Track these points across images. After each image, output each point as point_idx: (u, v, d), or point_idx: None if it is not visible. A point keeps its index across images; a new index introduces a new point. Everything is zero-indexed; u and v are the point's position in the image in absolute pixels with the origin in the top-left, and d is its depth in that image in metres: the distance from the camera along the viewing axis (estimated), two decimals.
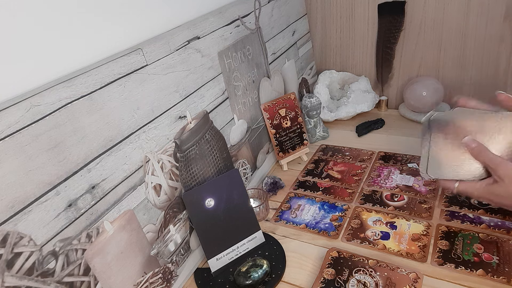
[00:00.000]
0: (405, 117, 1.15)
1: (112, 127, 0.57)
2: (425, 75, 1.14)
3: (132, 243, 0.60)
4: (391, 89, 1.21)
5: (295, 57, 1.13)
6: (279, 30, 1.03)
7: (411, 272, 0.65)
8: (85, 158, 0.52)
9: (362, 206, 0.83)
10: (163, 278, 0.66)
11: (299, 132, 1.01)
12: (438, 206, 0.80)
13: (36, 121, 0.46)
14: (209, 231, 0.72)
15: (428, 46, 1.10)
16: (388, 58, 1.16)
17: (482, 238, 0.70)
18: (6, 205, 0.43)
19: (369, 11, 1.13)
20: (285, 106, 0.98)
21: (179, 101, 0.70)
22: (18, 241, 0.45)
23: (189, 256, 0.73)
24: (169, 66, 0.67)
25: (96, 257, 0.54)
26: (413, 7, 1.07)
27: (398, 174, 0.91)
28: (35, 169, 0.46)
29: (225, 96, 0.82)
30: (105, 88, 0.55)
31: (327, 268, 0.69)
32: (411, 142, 1.03)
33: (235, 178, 0.76)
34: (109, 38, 0.59)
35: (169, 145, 0.68)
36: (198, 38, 0.74)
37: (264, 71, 0.97)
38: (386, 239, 0.74)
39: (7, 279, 0.43)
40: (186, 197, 0.70)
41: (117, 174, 0.57)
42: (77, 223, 0.52)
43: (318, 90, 1.17)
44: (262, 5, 0.94)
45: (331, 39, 1.23)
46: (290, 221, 0.83)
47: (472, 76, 1.08)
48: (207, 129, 0.76)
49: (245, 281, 0.67)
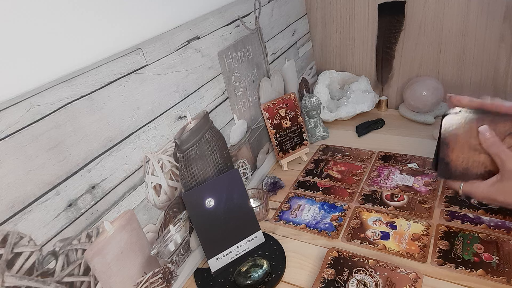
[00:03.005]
0: (405, 117, 1.15)
1: (112, 127, 0.57)
2: (425, 75, 1.14)
3: (132, 243, 0.60)
4: (391, 89, 1.21)
5: (295, 57, 1.13)
6: (279, 30, 1.03)
7: (411, 272, 0.65)
8: (85, 158, 0.52)
9: (362, 206, 0.83)
10: (163, 278, 0.66)
11: (299, 132, 1.01)
12: (438, 206, 0.80)
13: (36, 121, 0.46)
14: (209, 231, 0.72)
15: (428, 46, 1.10)
16: (388, 58, 1.16)
17: (482, 238, 0.70)
18: (6, 205, 0.43)
19: (369, 11, 1.13)
20: (285, 106, 0.98)
21: (179, 101, 0.70)
22: (18, 241, 0.45)
23: (189, 256, 0.73)
24: (169, 66, 0.67)
25: (96, 257, 0.54)
26: (413, 7, 1.07)
27: (398, 174, 0.91)
28: (35, 169, 0.46)
29: (225, 96, 0.82)
30: (105, 88, 0.55)
31: (327, 268, 0.69)
32: (411, 142, 1.03)
33: (235, 178, 0.76)
34: (109, 38, 0.59)
35: (169, 145, 0.68)
36: (198, 38, 0.74)
37: (264, 71, 0.97)
38: (386, 239, 0.74)
39: (7, 279, 0.43)
40: (186, 197, 0.70)
41: (117, 174, 0.57)
42: (77, 223, 0.52)
43: (318, 90, 1.17)
44: (262, 5, 0.94)
45: (331, 39, 1.23)
46: (290, 221, 0.83)
47: (472, 76, 1.08)
48: (207, 129, 0.76)
49: (245, 281, 0.67)
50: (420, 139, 1.04)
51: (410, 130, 1.09)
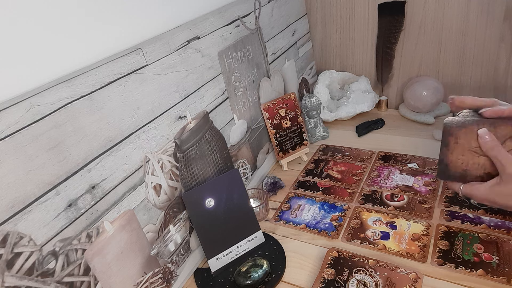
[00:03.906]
0: (405, 117, 1.15)
1: (112, 127, 0.57)
2: (425, 75, 1.14)
3: (132, 243, 0.60)
4: (391, 89, 1.21)
5: (295, 57, 1.13)
6: (279, 30, 1.03)
7: (411, 272, 0.65)
8: (85, 158, 0.52)
9: (362, 206, 0.83)
10: (163, 278, 0.66)
11: (299, 132, 1.01)
12: (438, 206, 0.80)
13: (36, 121, 0.46)
14: (209, 231, 0.72)
15: (428, 46, 1.10)
16: (388, 58, 1.16)
17: (482, 238, 0.70)
18: (6, 205, 0.43)
19: (369, 11, 1.13)
20: (285, 106, 0.98)
21: (179, 101, 0.70)
22: (18, 241, 0.45)
23: (189, 256, 0.73)
24: (169, 66, 0.67)
25: (96, 257, 0.54)
26: (413, 7, 1.07)
27: (398, 174, 0.91)
28: (35, 169, 0.46)
29: (225, 96, 0.82)
30: (105, 88, 0.55)
31: (327, 268, 0.69)
32: (411, 142, 1.03)
33: (235, 178, 0.76)
34: (109, 38, 0.59)
35: (169, 145, 0.68)
36: (198, 38, 0.74)
37: (264, 71, 0.97)
38: (386, 239, 0.74)
39: (7, 279, 0.43)
40: (186, 197, 0.70)
41: (117, 174, 0.57)
42: (77, 223, 0.52)
43: (318, 90, 1.17)
44: (262, 5, 0.94)
45: (331, 39, 1.23)
46: (290, 221, 0.83)
47: (472, 76, 1.08)
48: (207, 129, 0.76)
49: (245, 281, 0.67)
50: (420, 139, 1.04)
51: (410, 130, 1.09)
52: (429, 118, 1.10)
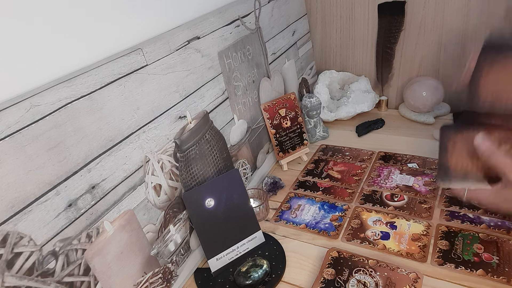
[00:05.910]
0: (405, 117, 1.15)
1: (112, 127, 0.57)
2: (425, 75, 1.14)
3: (132, 243, 0.60)
4: (391, 89, 1.21)
5: (295, 57, 1.13)
6: (279, 30, 1.03)
7: (411, 272, 0.65)
8: (85, 158, 0.52)
9: (362, 206, 0.83)
10: (163, 278, 0.66)
11: (299, 132, 1.01)
12: (438, 206, 0.80)
13: (36, 121, 0.46)
14: (209, 231, 0.72)
15: (428, 46, 1.10)
16: (388, 58, 1.16)
17: (482, 238, 0.70)
18: (6, 205, 0.43)
19: (369, 11, 1.13)
20: (285, 106, 0.98)
21: (179, 101, 0.70)
22: (18, 241, 0.45)
23: (189, 256, 0.73)
24: (169, 66, 0.67)
25: (96, 257, 0.54)
26: (413, 7, 1.07)
27: (398, 174, 0.91)
28: (35, 169, 0.46)
29: (225, 96, 0.82)
30: (105, 88, 0.55)
31: (327, 268, 0.69)
32: (411, 142, 1.03)
33: (235, 178, 0.76)
34: (109, 38, 0.59)
35: (169, 145, 0.68)
36: (198, 38, 0.74)
37: (264, 71, 0.97)
38: (386, 239, 0.74)
39: (7, 279, 0.43)
40: (186, 197, 0.70)
41: (117, 174, 0.57)
42: (77, 223, 0.52)
43: (318, 90, 1.17)
44: (262, 5, 0.94)
45: (331, 39, 1.23)
46: (290, 221, 0.83)
47: None
48: (207, 129, 0.76)
49: (245, 281, 0.67)
50: (420, 139, 1.04)
51: (410, 130, 1.09)
52: (429, 118, 1.10)
